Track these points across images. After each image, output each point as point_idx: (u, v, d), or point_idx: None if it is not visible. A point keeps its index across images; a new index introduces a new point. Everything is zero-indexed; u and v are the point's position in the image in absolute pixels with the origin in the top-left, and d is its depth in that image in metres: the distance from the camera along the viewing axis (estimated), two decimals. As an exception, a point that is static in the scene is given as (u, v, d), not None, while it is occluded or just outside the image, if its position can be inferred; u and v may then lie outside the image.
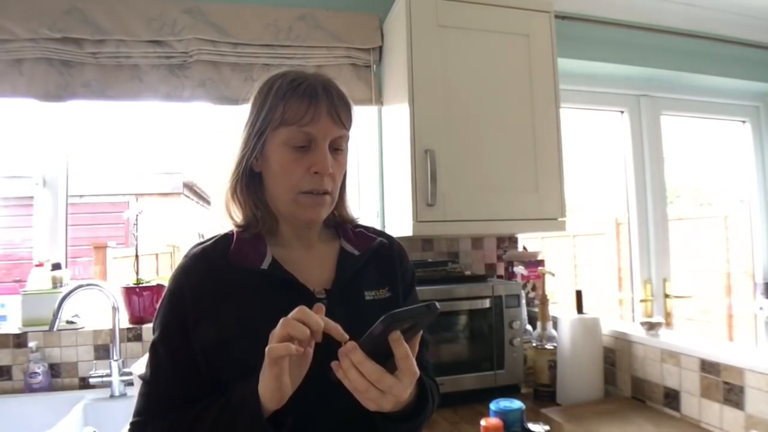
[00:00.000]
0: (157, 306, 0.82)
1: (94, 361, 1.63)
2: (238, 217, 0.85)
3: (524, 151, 1.63)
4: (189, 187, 5.63)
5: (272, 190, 0.83)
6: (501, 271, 2.02)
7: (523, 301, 1.68)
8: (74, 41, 1.61)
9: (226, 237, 0.84)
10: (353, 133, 0.86)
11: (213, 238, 0.86)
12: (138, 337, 1.67)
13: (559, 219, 1.66)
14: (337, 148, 0.82)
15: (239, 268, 0.79)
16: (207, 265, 0.80)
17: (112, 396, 1.56)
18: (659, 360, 1.40)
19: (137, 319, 1.69)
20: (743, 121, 2.57)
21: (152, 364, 0.79)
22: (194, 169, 5.54)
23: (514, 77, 1.65)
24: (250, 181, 0.84)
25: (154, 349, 0.79)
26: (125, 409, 1.50)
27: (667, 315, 2.22)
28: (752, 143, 2.56)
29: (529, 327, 1.71)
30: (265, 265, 0.79)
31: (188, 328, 0.76)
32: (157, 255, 3.59)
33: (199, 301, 0.77)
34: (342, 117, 0.80)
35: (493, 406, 1.24)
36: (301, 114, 0.77)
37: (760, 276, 2.49)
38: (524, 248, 2.05)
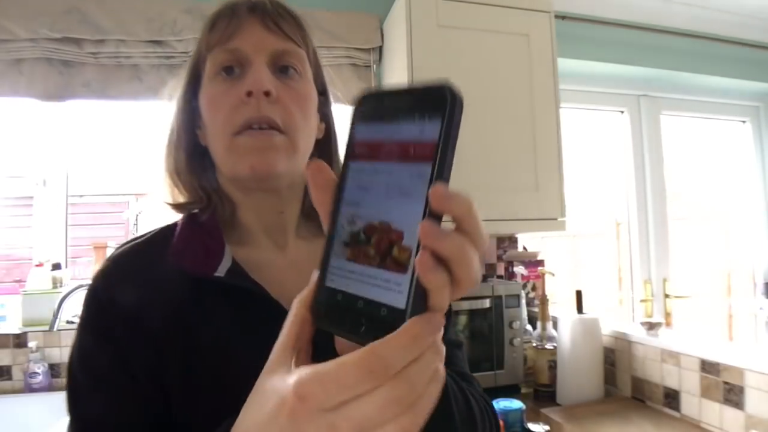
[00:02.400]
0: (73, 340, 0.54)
1: (94, 361, 1.63)
2: (183, 196, 0.62)
3: (524, 151, 1.64)
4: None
5: (212, 152, 0.60)
6: (501, 271, 2.02)
7: (523, 301, 1.68)
8: (74, 41, 1.61)
9: (167, 230, 0.60)
10: (314, 55, 0.64)
11: (148, 233, 0.62)
12: (138, 337, 1.67)
13: (559, 219, 1.66)
14: (287, 67, 0.59)
15: (183, 274, 0.54)
16: (135, 269, 0.56)
17: (112, 396, 1.56)
18: (659, 360, 1.40)
19: (137, 319, 1.69)
20: (743, 121, 2.57)
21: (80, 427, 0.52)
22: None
23: (514, 77, 1.65)
24: (194, 157, 0.61)
25: (80, 411, 0.52)
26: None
27: (667, 315, 2.22)
28: (752, 143, 2.56)
29: (529, 327, 1.71)
30: (221, 271, 0.55)
31: (125, 361, 0.51)
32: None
33: (124, 323, 0.52)
34: (283, 26, 0.59)
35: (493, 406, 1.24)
36: (221, 30, 0.57)
37: (760, 276, 2.49)
38: (524, 248, 2.05)
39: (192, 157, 0.61)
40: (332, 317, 0.33)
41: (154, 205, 0.63)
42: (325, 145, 0.66)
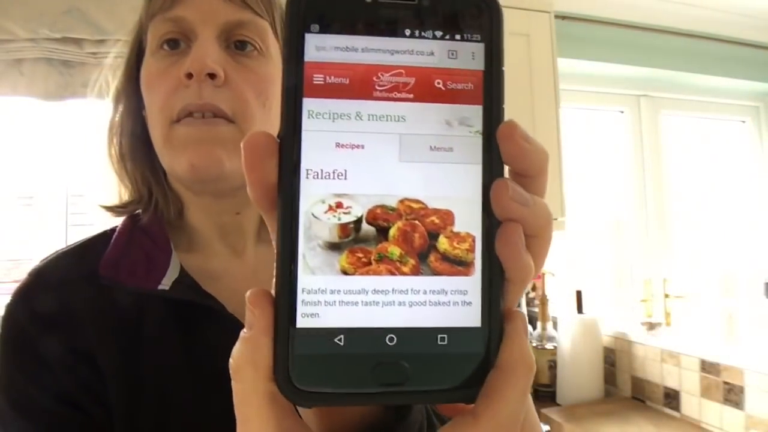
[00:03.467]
0: None
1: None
2: (126, 190, 0.52)
3: (524, 151, 1.63)
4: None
5: (153, 143, 0.50)
6: (501, 271, 2.02)
7: (523, 301, 1.68)
8: (74, 41, 1.61)
9: (102, 237, 0.51)
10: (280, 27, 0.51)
11: (81, 240, 0.53)
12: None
13: (559, 219, 1.66)
14: (243, 42, 0.47)
15: (120, 288, 0.46)
16: (62, 283, 0.47)
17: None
18: (659, 360, 1.40)
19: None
20: (743, 121, 2.57)
21: None
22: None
23: (514, 77, 1.65)
24: (138, 145, 0.51)
25: None
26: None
27: (667, 315, 2.22)
28: (752, 143, 2.56)
29: (529, 327, 1.72)
30: (166, 284, 0.46)
31: (58, 384, 0.44)
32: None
33: (48, 344, 0.44)
34: None
35: (493, 406, 1.24)
36: None
37: (760, 276, 2.49)
38: (524, 248, 2.05)
39: (136, 144, 0.51)
40: (329, 378, 0.19)
41: (91, 209, 0.53)
42: None
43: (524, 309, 1.69)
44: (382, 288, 0.19)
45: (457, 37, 0.20)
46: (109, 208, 0.52)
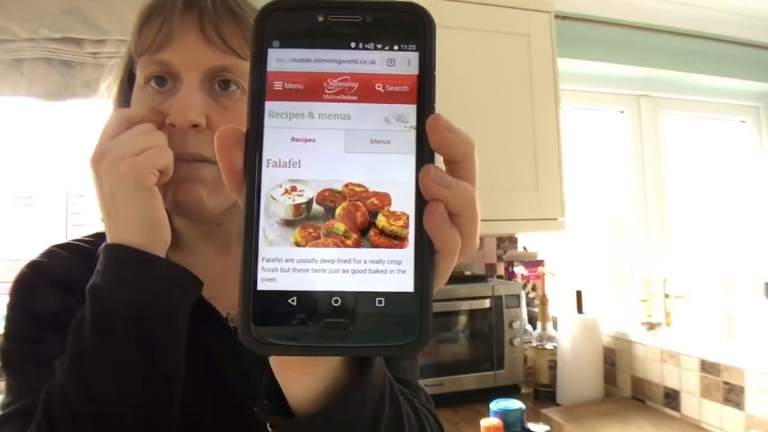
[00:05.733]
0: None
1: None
2: None
3: (524, 151, 1.64)
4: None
5: None
6: (501, 271, 2.02)
7: (523, 301, 1.68)
8: (74, 41, 1.61)
9: (97, 235, 0.56)
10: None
11: (73, 239, 0.58)
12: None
13: (559, 219, 1.66)
14: (227, 81, 0.50)
15: None
16: (65, 267, 0.53)
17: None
18: (659, 360, 1.40)
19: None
20: (743, 121, 2.57)
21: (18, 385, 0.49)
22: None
23: (514, 77, 1.65)
24: None
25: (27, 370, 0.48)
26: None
27: (667, 315, 2.21)
28: (752, 143, 2.56)
29: (529, 327, 1.72)
30: None
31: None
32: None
33: (56, 320, 0.47)
34: (224, 34, 0.49)
35: (493, 406, 1.24)
36: (151, 34, 0.49)
37: (760, 276, 2.49)
38: (524, 248, 2.05)
39: None
40: (283, 332, 0.22)
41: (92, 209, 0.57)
42: None
43: (524, 309, 1.69)
44: (328, 258, 0.23)
45: (395, 47, 0.24)
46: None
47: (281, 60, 0.24)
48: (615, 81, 2.28)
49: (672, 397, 1.35)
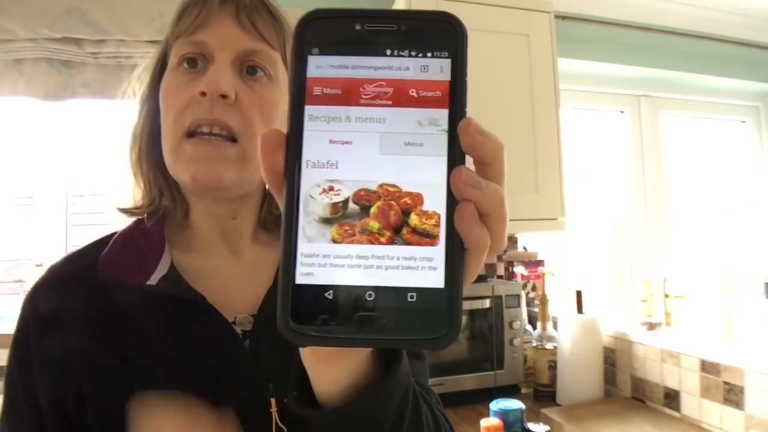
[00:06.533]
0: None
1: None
2: (141, 191, 0.57)
3: (524, 151, 1.64)
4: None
5: (162, 150, 0.55)
6: (501, 271, 2.02)
7: (523, 301, 1.68)
8: (74, 41, 1.61)
9: (105, 240, 0.56)
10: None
11: (87, 244, 0.58)
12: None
13: (559, 219, 1.66)
14: (255, 67, 0.53)
15: (113, 286, 0.50)
16: (63, 279, 0.53)
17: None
18: (659, 360, 1.40)
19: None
20: (743, 121, 2.57)
21: None
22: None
23: (514, 77, 1.65)
24: (155, 150, 0.55)
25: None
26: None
27: (667, 315, 2.21)
28: (752, 143, 2.56)
29: (529, 327, 1.72)
30: (153, 280, 0.50)
31: (37, 394, 0.49)
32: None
33: (44, 344, 0.50)
34: (258, 23, 0.53)
35: (493, 406, 1.24)
36: (189, 19, 0.52)
37: (760, 276, 2.49)
38: (524, 248, 2.05)
39: (153, 147, 0.55)
40: (319, 324, 0.24)
41: (109, 210, 0.58)
42: None
43: (524, 309, 1.69)
44: (363, 254, 0.24)
45: (429, 54, 0.25)
46: (124, 210, 0.57)
47: (320, 66, 0.25)
48: (615, 81, 2.28)
49: (672, 397, 1.35)
